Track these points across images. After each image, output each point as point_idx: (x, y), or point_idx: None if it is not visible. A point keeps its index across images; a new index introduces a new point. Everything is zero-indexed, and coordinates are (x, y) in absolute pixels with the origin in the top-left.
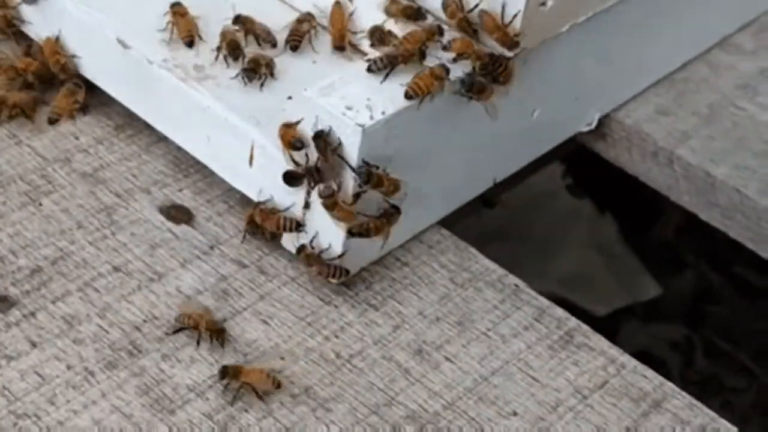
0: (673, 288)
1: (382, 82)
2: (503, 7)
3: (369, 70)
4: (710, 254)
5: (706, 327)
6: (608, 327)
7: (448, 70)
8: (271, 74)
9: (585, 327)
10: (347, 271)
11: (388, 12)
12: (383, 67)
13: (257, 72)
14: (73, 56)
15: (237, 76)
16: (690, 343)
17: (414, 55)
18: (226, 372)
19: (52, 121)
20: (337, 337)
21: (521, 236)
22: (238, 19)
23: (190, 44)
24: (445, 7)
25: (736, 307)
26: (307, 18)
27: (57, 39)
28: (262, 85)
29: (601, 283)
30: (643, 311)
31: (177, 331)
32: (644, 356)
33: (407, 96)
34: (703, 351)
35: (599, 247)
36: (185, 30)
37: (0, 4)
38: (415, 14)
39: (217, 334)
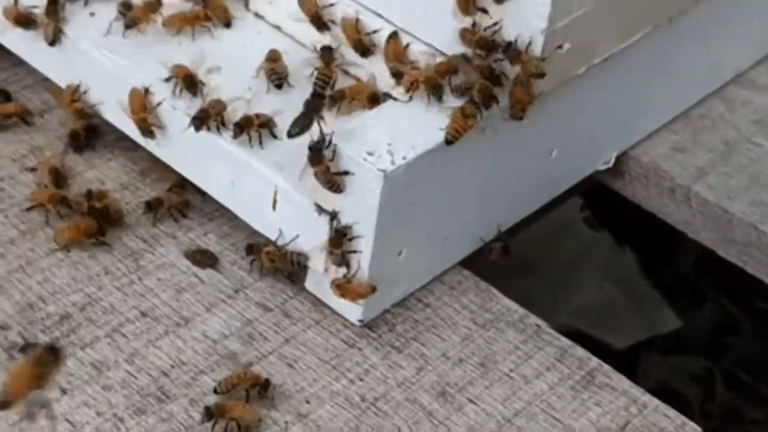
0: (693, 320)
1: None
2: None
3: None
4: (729, 287)
5: (726, 359)
6: (628, 360)
7: (479, 107)
8: (272, 135)
9: (606, 367)
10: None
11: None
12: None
13: (244, 130)
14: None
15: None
16: (710, 376)
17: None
18: (210, 413)
19: None
20: (361, 379)
21: (541, 270)
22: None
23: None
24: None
25: (756, 339)
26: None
27: (77, 88)
28: (260, 143)
29: (621, 316)
30: (663, 344)
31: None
32: (664, 389)
33: (448, 142)
34: (724, 383)
35: (619, 280)
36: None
37: (72, 98)
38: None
39: (264, 387)
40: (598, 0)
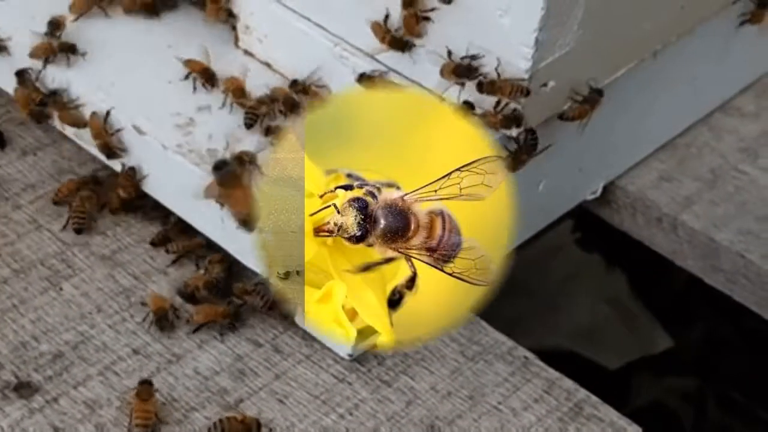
0: (685, 340)
1: None
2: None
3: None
4: (721, 307)
5: (718, 379)
6: (621, 380)
7: None
8: (260, 171)
9: (594, 398)
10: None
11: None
12: None
13: (243, 165)
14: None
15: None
16: (702, 395)
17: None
18: None
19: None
20: (351, 414)
21: (533, 292)
22: None
23: None
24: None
25: (749, 359)
26: None
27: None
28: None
29: (613, 337)
30: (656, 363)
31: None
32: (658, 408)
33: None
34: (716, 402)
35: (610, 301)
36: None
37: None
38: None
39: (257, 428)
40: (581, 39)
